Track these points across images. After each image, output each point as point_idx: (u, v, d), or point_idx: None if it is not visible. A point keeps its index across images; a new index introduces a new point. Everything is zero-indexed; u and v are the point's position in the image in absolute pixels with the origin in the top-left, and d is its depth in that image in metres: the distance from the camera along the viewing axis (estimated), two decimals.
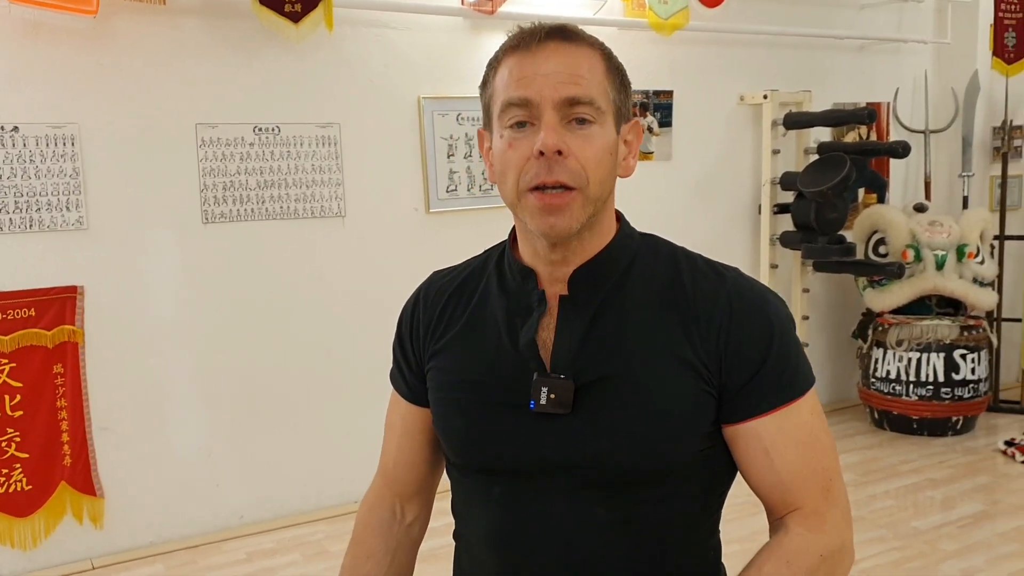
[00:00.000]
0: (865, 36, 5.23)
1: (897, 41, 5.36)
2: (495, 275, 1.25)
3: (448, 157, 4.08)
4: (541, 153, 1.08)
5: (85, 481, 3.43)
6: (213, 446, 3.69)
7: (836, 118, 4.82)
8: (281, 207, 3.73)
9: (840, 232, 4.78)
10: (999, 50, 5.34)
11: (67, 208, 3.34)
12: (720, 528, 1.28)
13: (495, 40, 4.11)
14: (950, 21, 5.45)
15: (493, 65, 1.17)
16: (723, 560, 1.29)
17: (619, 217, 1.22)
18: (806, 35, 4.99)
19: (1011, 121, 5.44)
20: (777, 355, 1.14)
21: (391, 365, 1.40)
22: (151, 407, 3.57)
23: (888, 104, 5.39)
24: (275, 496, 3.82)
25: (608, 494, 1.14)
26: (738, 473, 1.22)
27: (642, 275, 1.18)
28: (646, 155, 4.59)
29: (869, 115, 4.64)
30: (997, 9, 5.32)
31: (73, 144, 3.32)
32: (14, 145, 3.25)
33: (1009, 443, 4.59)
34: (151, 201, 3.49)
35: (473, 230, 4.15)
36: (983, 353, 4.80)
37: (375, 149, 3.92)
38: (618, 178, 1.18)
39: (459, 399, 1.22)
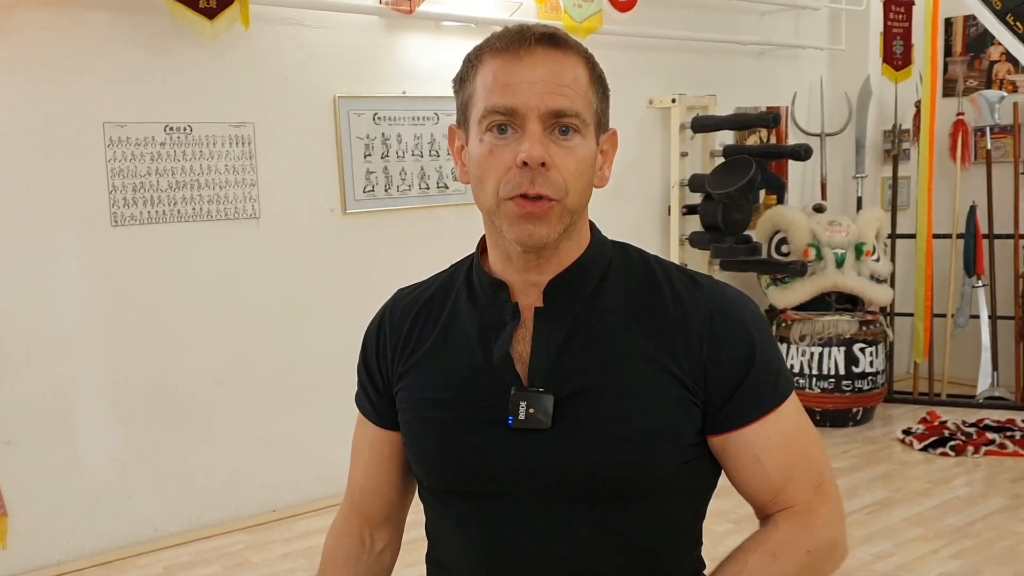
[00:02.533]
0: (765, 42, 5.40)
1: (795, 47, 5.56)
2: (464, 289, 1.22)
3: (365, 157, 4.03)
4: (525, 164, 1.05)
5: None
6: (125, 457, 3.55)
7: (742, 122, 4.97)
8: (194, 209, 3.62)
9: (746, 232, 4.92)
10: (888, 57, 5.60)
11: None
12: (703, 532, 1.28)
13: (413, 40, 4.11)
14: (844, 29, 5.68)
15: (473, 63, 1.12)
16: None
17: (592, 226, 1.21)
18: (711, 40, 5.12)
19: (900, 125, 5.70)
20: (761, 361, 1.13)
21: (356, 388, 1.35)
22: (58, 418, 3.41)
23: (787, 108, 5.58)
24: (191, 507, 3.70)
25: (593, 508, 1.11)
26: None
27: (617, 283, 1.16)
28: None
29: (774, 119, 4.79)
30: (886, 18, 5.57)
31: None
32: None
33: (907, 432, 4.81)
34: (56, 203, 3.34)
35: (391, 231, 4.12)
36: (880, 347, 5.02)
37: (290, 149, 3.84)
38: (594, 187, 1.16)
39: (432, 418, 1.18)
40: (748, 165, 4.60)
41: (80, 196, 3.38)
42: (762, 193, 5.51)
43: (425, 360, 1.21)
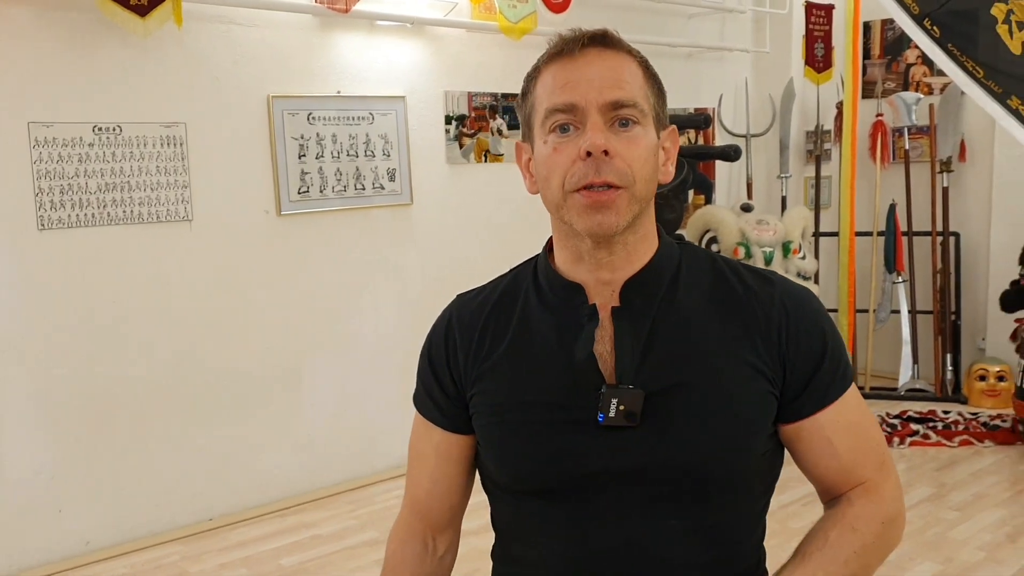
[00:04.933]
0: (693, 44, 5.49)
1: (721, 49, 5.66)
2: (533, 292, 1.23)
3: (300, 158, 3.97)
4: (588, 154, 1.09)
5: None
6: (54, 468, 3.43)
7: (675, 123, 5.03)
8: (124, 211, 3.51)
9: (677, 232, 5.00)
10: (810, 59, 5.74)
11: None
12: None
13: (348, 39, 4.07)
14: (768, 32, 5.81)
15: (533, 76, 1.19)
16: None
17: (657, 226, 1.24)
18: (640, 42, 5.11)
19: (822, 126, 5.87)
20: (832, 350, 1.19)
21: (416, 389, 1.32)
22: None
23: (713, 109, 5.68)
24: (124, 518, 3.59)
25: (682, 503, 1.15)
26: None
27: (690, 282, 1.20)
28: (496, 157, 4.63)
29: (704, 121, 4.88)
30: (808, 21, 5.72)
31: None
32: None
33: None
34: None
35: (327, 232, 4.06)
36: None
37: (223, 150, 3.76)
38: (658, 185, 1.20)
39: (515, 421, 1.18)
40: (680, 165, 4.67)
41: (4, 199, 3.25)
42: (691, 193, 5.60)
43: (501, 363, 1.21)
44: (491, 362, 1.22)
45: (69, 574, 3.38)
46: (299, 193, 3.99)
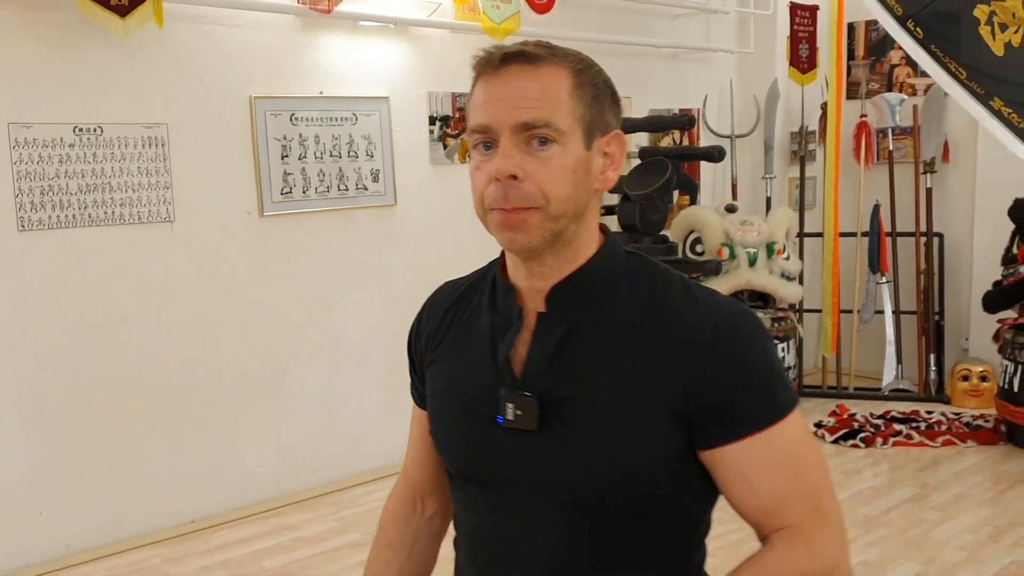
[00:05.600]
0: (678, 45, 5.50)
1: (706, 50, 5.67)
2: (488, 289, 1.26)
3: (283, 159, 3.96)
4: (497, 178, 1.11)
5: None
6: (35, 471, 3.41)
7: (658, 124, 5.05)
8: (105, 212, 3.49)
9: (662, 232, 5.00)
10: (795, 60, 5.75)
11: None
12: (707, 553, 1.28)
13: (330, 39, 4.05)
14: (752, 32, 5.82)
15: (472, 86, 1.18)
16: None
17: (605, 232, 1.22)
18: (625, 43, 5.19)
19: (807, 126, 5.88)
20: (751, 382, 1.13)
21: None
22: None
23: (698, 110, 5.69)
24: (106, 521, 3.57)
25: (573, 515, 1.14)
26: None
27: (621, 295, 1.18)
28: None
29: (689, 122, 4.88)
30: (792, 22, 5.73)
31: None
32: None
33: (818, 425, 4.95)
34: None
35: (310, 233, 4.05)
36: (791, 342, 5.17)
37: (205, 151, 3.75)
38: (599, 192, 1.19)
39: (446, 408, 1.26)
40: (664, 166, 4.67)
41: None
42: (675, 194, 5.60)
43: (448, 351, 1.27)
44: (442, 349, 1.28)
45: None
46: (282, 194, 3.97)
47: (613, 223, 5.04)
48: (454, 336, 1.27)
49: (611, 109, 1.18)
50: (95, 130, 3.44)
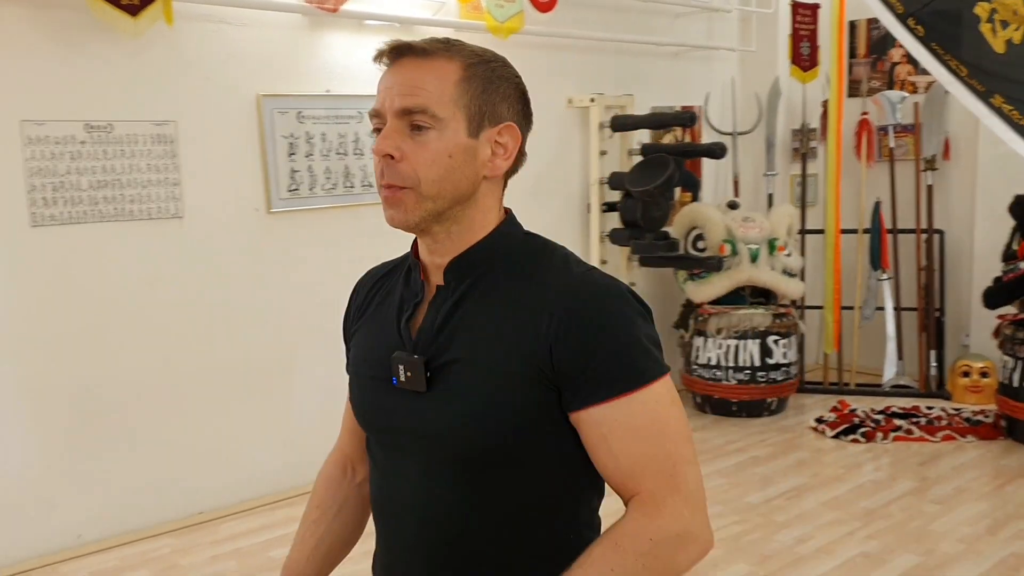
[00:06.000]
0: (680, 43, 5.54)
1: (708, 48, 5.71)
2: (406, 267, 1.36)
3: (289, 156, 4.01)
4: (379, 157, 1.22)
5: None
6: (45, 463, 3.47)
7: (660, 121, 5.09)
8: (116, 208, 3.55)
9: (663, 229, 5.05)
10: (796, 58, 5.80)
11: None
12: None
13: (337, 38, 4.11)
14: (754, 31, 5.87)
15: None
16: None
17: (508, 216, 1.30)
18: (628, 41, 5.23)
19: (808, 124, 5.92)
20: (610, 347, 1.18)
21: None
22: None
23: (700, 107, 5.73)
24: (115, 512, 3.63)
25: (456, 471, 1.23)
26: None
27: (508, 270, 1.26)
28: None
29: (691, 119, 4.93)
30: (794, 21, 5.77)
31: None
32: None
33: (819, 420, 5.00)
34: None
35: (316, 230, 4.10)
36: (793, 338, 5.21)
37: (213, 148, 3.80)
38: (490, 179, 1.25)
39: (358, 374, 1.37)
40: (666, 163, 4.72)
41: None
42: (677, 190, 5.65)
43: (365, 324, 1.38)
44: (362, 322, 1.39)
45: (62, 566, 3.42)
46: (289, 191, 4.03)
47: (615, 220, 5.09)
48: (373, 310, 1.37)
49: (507, 103, 1.23)
50: (106, 127, 3.50)
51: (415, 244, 1.32)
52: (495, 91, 1.22)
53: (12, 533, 3.40)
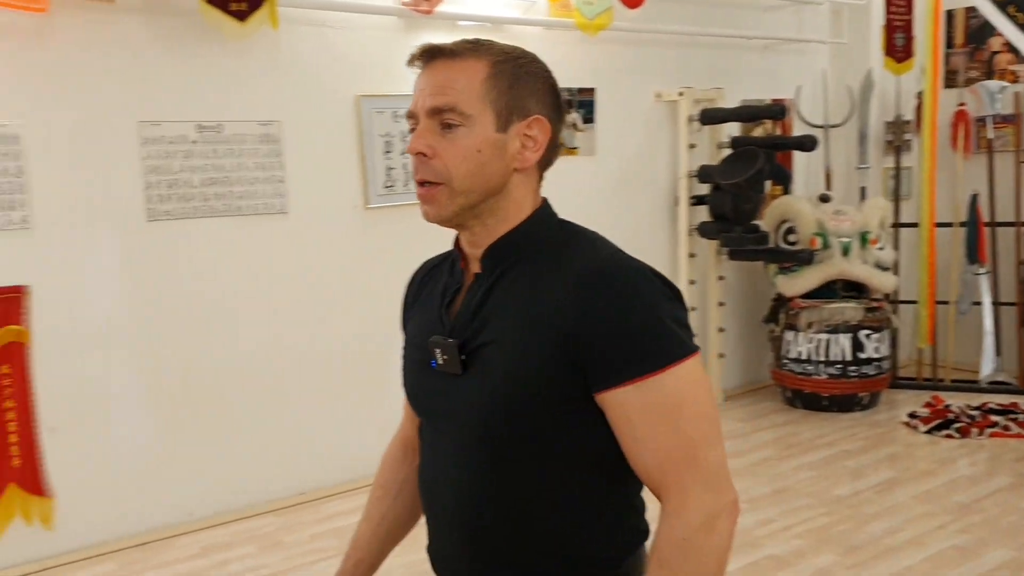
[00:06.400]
0: (770, 36, 5.53)
1: (799, 41, 5.68)
2: (452, 258, 1.43)
3: (385, 154, 4.17)
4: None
5: (34, 482, 3.40)
6: (160, 444, 3.69)
7: (749, 114, 5.10)
8: (225, 204, 3.75)
9: (753, 222, 5.06)
10: (890, 50, 5.72)
11: (10, 208, 3.30)
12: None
13: (431, 39, 4.21)
14: (846, 22, 5.81)
15: None
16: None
17: (543, 205, 1.35)
18: (716, 35, 5.26)
19: (902, 116, 5.84)
20: (630, 328, 1.20)
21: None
22: (98, 406, 3.55)
23: (791, 100, 5.70)
24: (224, 491, 3.84)
25: (486, 450, 1.28)
26: None
27: (538, 256, 1.30)
28: (571, 150, 4.77)
29: (781, 111, 4.93)
30: (888, 11, 5.70)
31: (16, 143, 3.29)
32: None
33: (912, 415, 4.94)
34: (96, 199, 3.48)
35: (410, 225, 4.20)
36: (885, 333, 5.16)
37: (315, 147, 3.98)
38: (521, 171, 1.30)
39: (407, 358, 1.45)
40: (756, 156, 4.73)
41: (118, 192, 3.52)
42: (768, 184, 5.64)
43: (415, 312, 1.47)
44: (413, 311, 1.48)
45: (176, 540, 3.64)
46: (385, 187, 4.19)
47: (704, 213, 5.12)
48: (422, 299, 1.45)
49: (535, 97, 1.28)
50: (216, 127, 3.71)
51: (457, 235, 1.39)
52: (523, 86, 1.27)
53: (132, 508, 3.63)
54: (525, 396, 1.23)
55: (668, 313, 1.22)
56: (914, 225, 5.62)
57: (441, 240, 1.42)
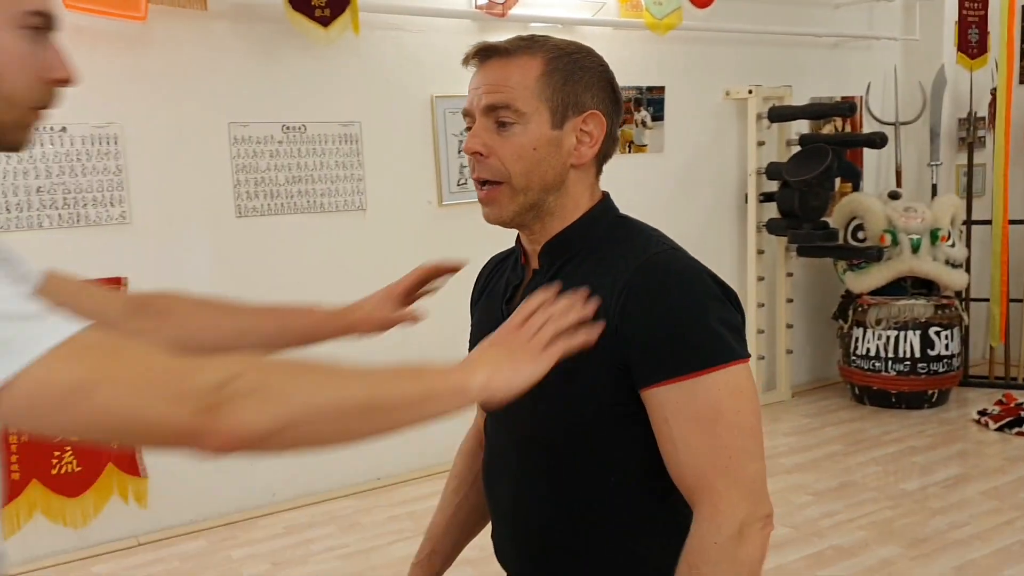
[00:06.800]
0: (839, 34, 5.55)
1: (869, 38, 5.68)
2: (515, 254, 1.45)
3: (459, 153, 4.31)
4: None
5: (130, 462, 3.63)
6: None
7: (818, 111, 5.13)
8: (308, 201, 3.94)
9: (822, 219, 5.09)
10: (963, 46, 5.68)
11: (111, 204, 3.53)
12: None
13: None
14: (918, 19, 5.79)
15: None
16: None
17: (602, 200, 1.35)
18: (786, 33, 5.29)
19: (975, 113, 5.79)
20: (674, 327, 1.18)
21: None
22: None
23: (861, 97, 5.71)
24: (304, 475, 4.03)
25: (541, 449, 1.31)
26: None
27: (594, 251, 1.29)
28: (640, 147, 4.86)
29: (850, 108, 4.95)
30: (961, 7, 5.66)
31: (116, 143, 3.51)
32: (62, 144, 3.44)
33: (982, 413, 4.93)
34: (188, 196, 3.69)
35: (481, 222, 4.34)
36: (955, 330, 5.14)
37: (392, 146, 4.14)
38: (577, 167, 1.30)
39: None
40: (825, 153, 4.76)
41: (209, 190, 3.73)
42: (837, 181, 5.64)
43: (481, 307, 1.50)
44: (479, 306, 1.52)
45: (260, 520, 3.84)
46: (458, 185, 4.33)
47: (772, 210, 5.17)
48: (488, 293, 1.49)
49: (590, 92, 1.28)
50: (300, 128, 3.89)
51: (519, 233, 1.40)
52: (578, 82, 1.27)
53: (219, 490, 3.84)
54: (577, 395, 1.23)
55: (717, 315, 1.20)
56: (987, 222, 5.58)
57: (510, 236, 1.48)
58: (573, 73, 1.27)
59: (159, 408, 0.87)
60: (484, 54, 1.28)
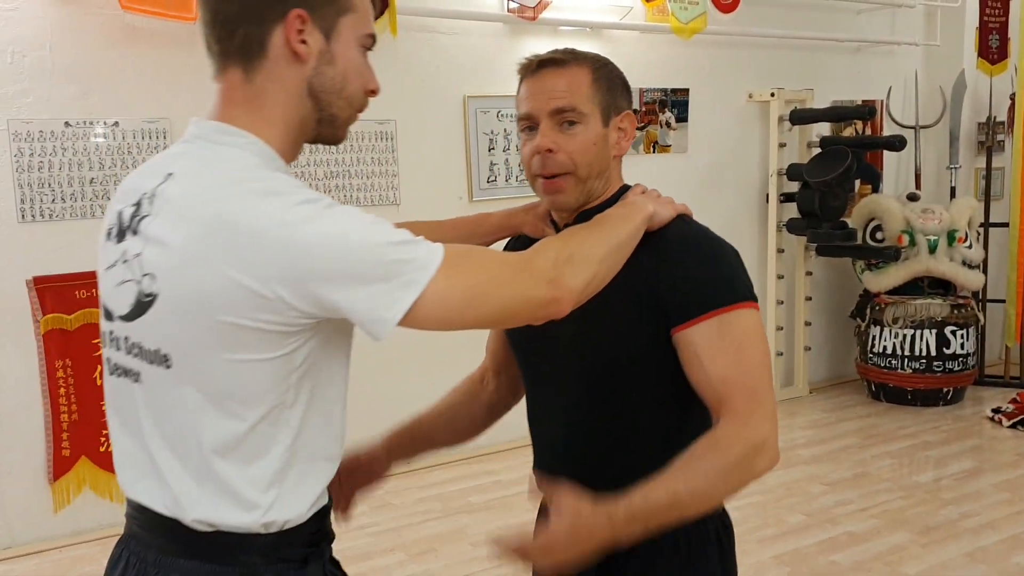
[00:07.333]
0: (861, 39, 5.67)
1: (890, 43, 5.80)
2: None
3: (489, 151, 4.48)
4: (538, 152, 1.47)
5: None
6: None
7: (839, 114, 5.26)
8: (344, 196, 4.11)
9: (841, 219, 5.21)
10: (984, 51, 5.79)
11: None
12: None
13: (534, 43, 4.54)
14: (939, 24, 5.90)
15: (518, 85, 1.53)
16: None
17: (624, 185, 1.55)
18: (808, 38, 5.42)
19: (995, 117, 5.89)
20: (706, 273, 1.41)
21: None
22: None
23: (882, 101, 5.82)
24: None
25: (584, 386, 1.50)
26: None
27: None
28: (664, 148, 5.00)
29: (869, 112, 5.07)
30: (982, 13, 5.77)
31: (165, 137, 3.69)
32: (114, 138, 3.62)
33: (996, 410, 5.03)
34: None
35: None
36: (971, 330, 5.25)
37: (425, 143, 4.31)
38: (617, 158, 1.52)
39: None
40: (844, 155, 4.89)
41: None
42: (857, 183, 5.76)
43: None
44: None
45: None
46: (488, 182, 4.49)
47: (793, 210, 5.30)
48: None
49: (623, 95, 1.51)
50: None
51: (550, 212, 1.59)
52: (615, 87, 1.50)
53: None
54: (615, 337, 1.44)
55: (740, 272, 1.44)
56: (1005, 225, 5.68)
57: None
58: (612, 80, 1.49)
59: (528, 291, 1.19)
60: (540, 64, 1.47)
